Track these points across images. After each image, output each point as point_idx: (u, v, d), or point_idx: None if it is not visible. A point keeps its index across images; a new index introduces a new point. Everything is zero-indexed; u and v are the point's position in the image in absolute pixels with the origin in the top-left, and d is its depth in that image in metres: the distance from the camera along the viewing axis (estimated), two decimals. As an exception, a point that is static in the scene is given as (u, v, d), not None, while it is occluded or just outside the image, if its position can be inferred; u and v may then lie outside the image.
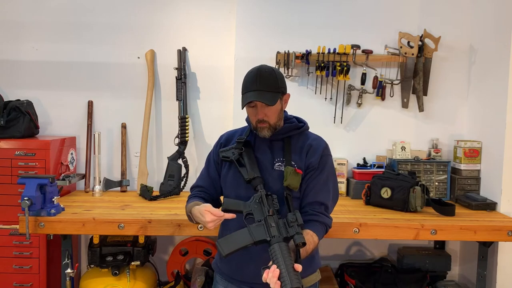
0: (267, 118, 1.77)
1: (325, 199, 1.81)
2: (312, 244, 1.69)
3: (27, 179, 2.34)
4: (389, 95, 3.09)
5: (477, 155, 2.94)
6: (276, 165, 1.81)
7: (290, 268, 1.45)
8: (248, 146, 1.85)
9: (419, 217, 2.54)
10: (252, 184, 1.75)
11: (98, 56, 3.14)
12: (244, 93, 1.77)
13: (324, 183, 1.81)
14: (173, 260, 3.12)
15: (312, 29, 3.06)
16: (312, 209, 1.78)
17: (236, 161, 1.81)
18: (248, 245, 1.58)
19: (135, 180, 3.12)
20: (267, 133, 1.79)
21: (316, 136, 1.91)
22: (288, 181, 1.73)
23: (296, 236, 1.56)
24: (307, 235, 1.67)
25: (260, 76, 1.75)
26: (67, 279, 2.48)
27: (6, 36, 3.11)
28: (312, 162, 1.80)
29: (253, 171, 1.76)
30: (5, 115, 2.87)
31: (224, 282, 1.88)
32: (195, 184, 1.98)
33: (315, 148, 1.83)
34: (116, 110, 3.16)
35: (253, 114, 1.79)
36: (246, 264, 1.76)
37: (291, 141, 1.84)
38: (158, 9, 3.13)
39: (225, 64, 3.13)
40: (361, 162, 3.09)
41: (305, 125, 1.90)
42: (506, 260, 2.70)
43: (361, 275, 2.92)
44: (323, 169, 1.82)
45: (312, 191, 1.79)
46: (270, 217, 1.62)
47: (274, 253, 1.51)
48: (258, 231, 1.59)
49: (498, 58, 2.77)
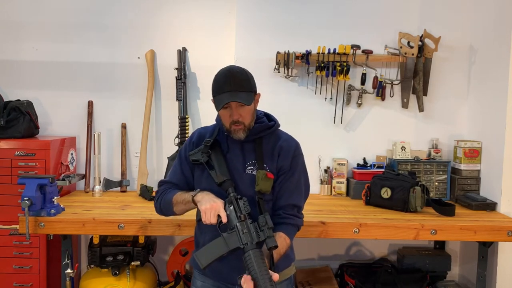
0: (242, 119, 1.74)
1: (298, 201, 1.83)
2: (285, 246, 1.73)
3: (27, 179, 2.34)
4: (389, 95, 3.09)
5: (477, 155, 2.94)
6: (248, 168, 1.79)
7: (265, 277, 1.48)
8: (216, 147, 1.82)
9: (419, 217, 2.54)
10: (223, 187, 1.73)
11: (98, 56, 3.14)
12: (217, 95, 1.73)
13: (296, 184, 1.82)
14: (173, 260, 3.12)
15: (312, 29, 3.06)
16: (285, 211, 1.79)
17: (205, 163, 1.78)
18: (224, 254, 1.60)
19: (135, 180, 3.12)
20: (242, 135, 1.76)
21: (287, 136, 1.89)
22: (260, 185, 1.72)
23: (267, 240, 1.59)
24: (280, 238, 1.70)
25: (232, 76, 1.73)
26: (67, 279, 2.48)
27: (6, 36, 3.11)
28: (284, 165, 1.80)
29: (222, 174, 1.74)
30: (5, 115, 2.87)
31: (202, 277, 1.88)
32: (167, 180, 1.93)
33: (286, 150, 1.82)
34: (116, 110, 3.16)
35: (227, 115, 1.75)
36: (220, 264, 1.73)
37: (263, 142, 1.82)
38: (158, 9, 3.13)
39: (225, 64, 3.06)
40: (361, 162, 3.09)
41: (275, 124, 1.87)
42: (506, 260, 2.70)
43: (361, 275, 2.92)
44: (295, 170, 1.82)
45: (285, 194, 1.80)
46: (242, 222, 1.62)
47: (249, 261, 1.53)
48: (232, 239, 1.60)
49: (498, 58, 2.77)
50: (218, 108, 1.72)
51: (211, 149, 1.80)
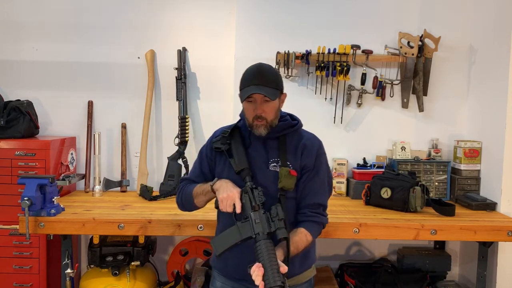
0: (265, 114, 1.76)
1: (323, 200, 1.85)
2: (305, 242, 1.73)
3: (27, 179, 2.34)
4: (389, 95, 3.09)
5: (477, 155, 2.94)
6: (271, 165, 1.81)
7: (274, 267, 1.50)
8: (237, 138, 1.84)
9: (419, 217, 2.54)
10: (241, 176, 1.76)
11: (98, 56, 3.14)
12: (244, 88, 1.76)
13: (321, 183, 1.84)
14: (173, 260, 3.12)
15: (312, 29, 3.06)
16: (311, 210, 1.80)
17: (226, 151, 1.82)
18: (237, 242, 1.63)
19: (135, 180, 3.12)
20: (263, 131, 1.78)
21: (310, 135, 1.91)
22: (283, 182, 1.73)
23: (278, 231, 1.60)
24: (300, 233, 1.72)
25: (261, 71, 1.75)
26: (67, 279, 2.48)
27: (6, 36, 3.11)
28: (307, 163, 1.82)
29: (240, 162, 1.77)
30: (5, 115, 2.87)
31: (222, 278, 1.90)
32: (188, 177, 1.98)
33: (309, 148, 1.84)
34: (116, 110, 3.16)
35: (251, 109, 1.77)
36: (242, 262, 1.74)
37: (286, 139, 1.84)
38: (158, 9, 3.13)
39: (225, 64, 3.13)
40: (361, 162, 3.09)
41: (299, 123, 1.90)
42: (506, 260, 2.70)
43: (361, 275, 2.92)
44: (319, 169, 1.84)
45: (310, 193, 1.81)
46: (255, 212, 1.64)
47: (259, 251, 1.55)
48: (245, 228, 1.63)
49: (498, 58, 2.77)
50: (242, 99, 1.76)
51: (231, 139, 1.83)
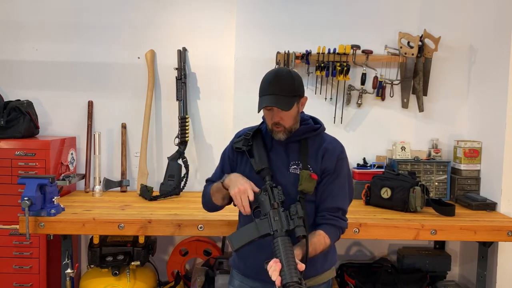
0: (282, 121, 1.78)
1: (343, 204, 1.85)
2: (323, 245, 1.74)
3: (27, 179, 2.34)
4: (389, 95, 3.09)
5: (477, 155, 2.94)
6: (291, 168, 1.82)
7: (291, 263, 1.52)
8: (259, 139, 1.87)
9: (419, 217, 2.54)
10: (261, 175, 1.78)
11: (98, 56, 3.14)
12: (261, 96, 1.78)
13: (341, 187, 1.84)
14: (173, 260, 3.12)
15: (312, 29, 3.06)
16: (330, 213, 1.81)
17: (247, 152, 1.85)
18: (255, 238, 1.65)
19: (135, 180, 3.12)
20: (282, 136, 1.81)
21: (331, 139, 1.91)
22: (303, 185, 1.74)
23: (296, 229, 1.62)
24: (319, 235, 1.73)
25: (277, 80, 1.76)
26: (67, 279, 2.48)
27: (6, 36, 3.11)
28: (328, 167, 1.82)
29: (261, 162, 1.79)
30: (5, 115, 2.87)
31: (240, 277, 1.92)
32: (210, 178, 2.02)
33: (331, 152, 1.83)
34: (116, 110, 3.16)
35: (269, 116, 1.80)
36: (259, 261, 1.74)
37: (308, 143, 1.85)
38: (158, 9, 3.13)
39: (225, 64, 3.13)
40: (361, 162, 3.09)
41: (321, 127, 1.90)
42: (506, 260, 2.70)
43: (361, 275, 2.92)
44: (340, 173, 1.83)
45: (330, 196, 1.81)
46: (274, 210, 1.66)
47: (277, 247, 1.57)
48: (263, 225, 1.65)
49: (498, 58, 2.77)
50: (258, 109, 1.79)
51: (253, 140, 1.86)
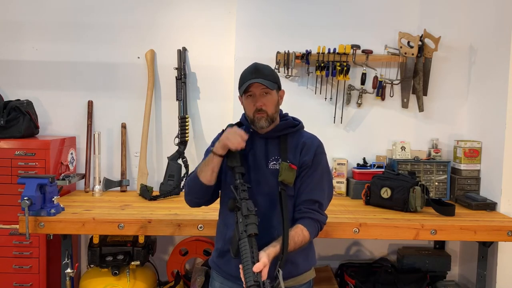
0: (265, 107, 1.80)
1: (319, 197, 1.83)
2: (301, 237, 1.73)
3: (27, 179, 2.34)
4: (389, 95, 3.09)
5: (477, 155, 2.94)
6: (271, 164, 1.83)
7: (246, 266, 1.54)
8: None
9: (419, 217, 2.54)
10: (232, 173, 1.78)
11: (98, 56, 3.14)
12: (242, 85, 1.81)
13: (318, 181, 1.84)
14: (173, 260, 3.12)
15: (312, 29, 3.06)
16: (306, 206, 1.80)
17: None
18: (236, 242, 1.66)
19: (135, 180, 3.12)
20: (264, 124, 1.81)
21: (310, 135, 1.94)
22: (283, 176, 1.76)
23: (248, 227, 1.61)
24: (296, 228, 1.73)
25: (258, 69, 1.81)
26: (67, 279, 2.48)
27: (6, 36, 3.11)
28: (306, 160, 1.83)
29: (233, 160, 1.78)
30: (5, 115, 2.87)
31: (220, 278, 1.91)
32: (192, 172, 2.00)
33: (308, 146, 1.86)
34: (116, 110, 3.16)
35: (251, 104, 1.81)
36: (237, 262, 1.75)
37: (287, 139, 1.87)
38: (158, 9, 3.13)
39: (225, 64, 3.13)
40: (361, 162, 3.09)
41: (300, 124, 1.93)
42: (506, 260, 2.70)
43: (361, 275, 2.92)
44: (317, 167, 1.84)
45: (307, 189, 1.82)
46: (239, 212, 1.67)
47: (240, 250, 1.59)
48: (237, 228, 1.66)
49: (498, 58, 2.77)
50: (241, 92, 1.80)
51: None
